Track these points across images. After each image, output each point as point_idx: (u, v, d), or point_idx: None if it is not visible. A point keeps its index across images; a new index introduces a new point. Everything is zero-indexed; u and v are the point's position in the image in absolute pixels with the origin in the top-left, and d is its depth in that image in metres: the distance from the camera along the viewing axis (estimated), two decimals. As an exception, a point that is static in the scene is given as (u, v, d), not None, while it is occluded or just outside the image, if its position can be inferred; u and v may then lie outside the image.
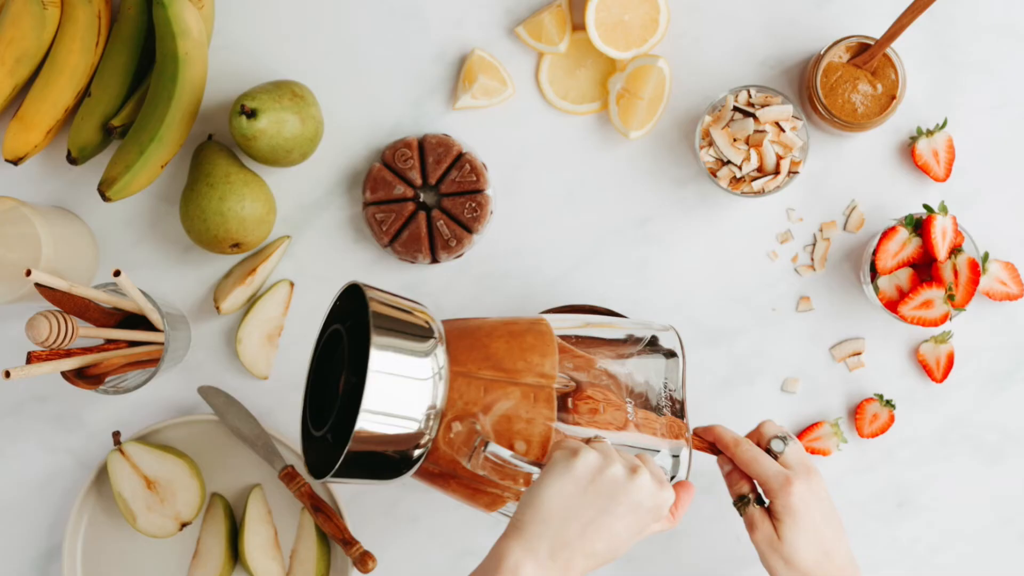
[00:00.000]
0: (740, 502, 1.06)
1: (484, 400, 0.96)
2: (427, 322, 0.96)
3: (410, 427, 0.92)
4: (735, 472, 1.07)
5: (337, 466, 0.92)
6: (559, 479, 0.91)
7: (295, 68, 1.22)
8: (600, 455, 0.93)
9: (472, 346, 0.97)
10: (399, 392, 0.92)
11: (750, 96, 1.17)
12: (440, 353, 0.94)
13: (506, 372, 0.97)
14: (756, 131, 1.15)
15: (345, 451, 0.91)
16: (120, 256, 1.23)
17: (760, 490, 1.06)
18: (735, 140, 1.16)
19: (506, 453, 0.94)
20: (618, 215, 1.22)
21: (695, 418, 1.21)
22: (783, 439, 1.05)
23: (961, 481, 1.22)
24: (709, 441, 1.08)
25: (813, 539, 1.02)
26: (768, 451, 1.05)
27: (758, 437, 1.07)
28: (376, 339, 0.91)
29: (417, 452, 0.94)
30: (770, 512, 1.04)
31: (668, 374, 1.04)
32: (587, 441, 0.95)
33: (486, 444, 0.94)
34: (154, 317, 1.15)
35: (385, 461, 0.93)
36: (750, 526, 1.05)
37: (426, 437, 0.93)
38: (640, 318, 1.17)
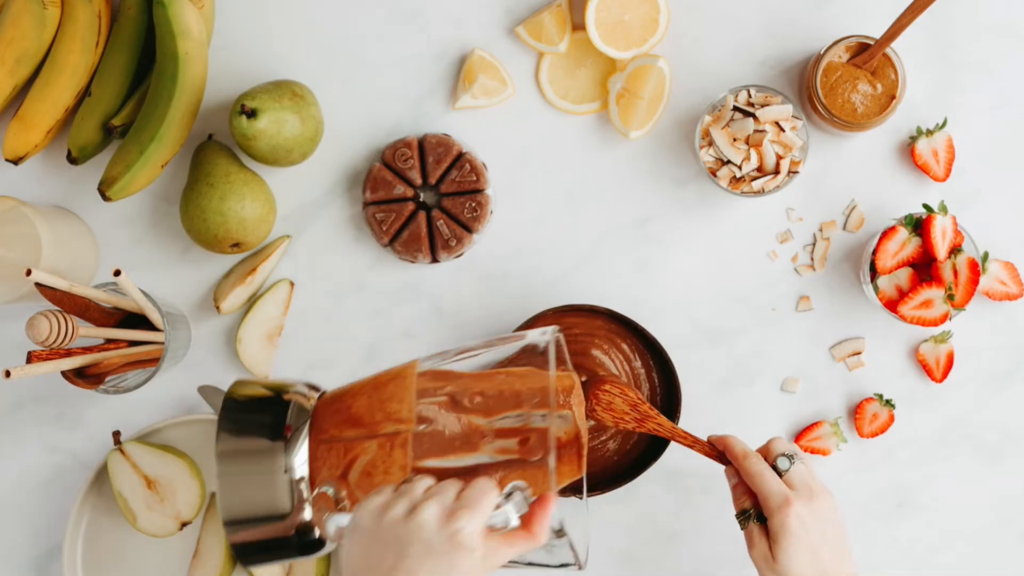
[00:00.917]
0: (741, 516, 1.05)
1: (344, 461, 0.93)
2: (290, 404, 0.94)
3: (278, 510, 0.91)
4: (740, 485, 1.06)
5: (236, 554, 0.92)
6: (351, 535, 0.88)
7: (295, 68, 1.22)
8: (384, 500, 0.88)
9: (338, 410, 0.95)
10: (252, 482, 0.91)
11: (750, 96, 1.17)
12: (301, 433, 0.93)
13: (367, 427, 0.94)
14: (756, 131, 1.15)
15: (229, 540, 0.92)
16: (120, 256, 1.23)
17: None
18: (735, 140, 1.16)
19: (344, 519, 0.91)
20: (618, 215, 1.22)
21: (694, 420, 1.21)
22: (790, 457, 1.04)
23: (961, 481, 1.22)
24: (719, 450, 1.08)
25: (808, 561, 1.00)
26: (774, 468, 1.04)
27: (766, 452, 1.06)
28: (220, 440, 0.92)
29: (316, 531, 0.92)
30: (767, 530, 1.03)
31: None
32: (399, 485, 0.91)
33: (328, 515, 0.91)
34: (154, 317, 1.15)
35: (280, 541, 0.92)
36: (748, 542, 1.04)
37: (306, 512, 0.92)
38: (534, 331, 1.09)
